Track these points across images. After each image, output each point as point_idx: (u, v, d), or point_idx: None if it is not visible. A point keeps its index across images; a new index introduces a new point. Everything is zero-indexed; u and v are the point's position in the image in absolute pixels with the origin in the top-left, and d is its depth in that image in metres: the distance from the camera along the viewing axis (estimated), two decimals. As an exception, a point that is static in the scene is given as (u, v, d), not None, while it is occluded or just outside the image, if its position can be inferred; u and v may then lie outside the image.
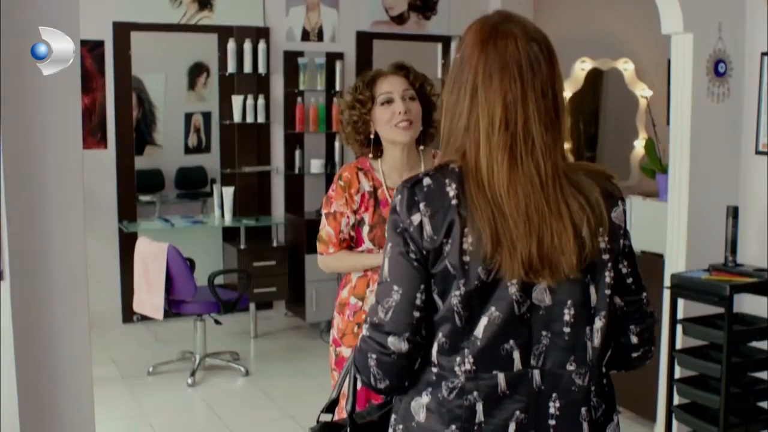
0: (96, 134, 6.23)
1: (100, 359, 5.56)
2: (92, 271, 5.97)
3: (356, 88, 2.77)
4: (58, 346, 2.82)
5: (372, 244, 2.75)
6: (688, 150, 4.03)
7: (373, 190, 2.77)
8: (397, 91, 2.72)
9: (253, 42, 6.54)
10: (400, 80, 2.74)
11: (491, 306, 1.58)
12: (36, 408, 2.79)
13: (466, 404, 1.60)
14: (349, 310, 2.83)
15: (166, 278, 5.12)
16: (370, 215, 2.75)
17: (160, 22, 6.39)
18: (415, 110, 2.73)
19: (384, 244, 2.64)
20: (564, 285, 1.61)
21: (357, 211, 2.76)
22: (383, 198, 2.75)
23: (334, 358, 2.85)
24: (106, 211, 6.31)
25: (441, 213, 1.58)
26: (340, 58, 6.83)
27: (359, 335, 1.68)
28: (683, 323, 3.85)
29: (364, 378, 1.67)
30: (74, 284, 2.84)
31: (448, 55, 7.27)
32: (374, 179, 2.78)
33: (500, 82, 1.58)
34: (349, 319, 2.82)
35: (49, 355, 2.81)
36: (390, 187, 2.76)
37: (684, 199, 4.06)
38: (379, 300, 1.64)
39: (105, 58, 6.20)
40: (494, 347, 1.59)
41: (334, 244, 2.80)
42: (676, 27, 3.99)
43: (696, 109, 4.02)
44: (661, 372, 4.10)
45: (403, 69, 2.78)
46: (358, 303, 2.81)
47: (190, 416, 4.90)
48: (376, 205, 2.75)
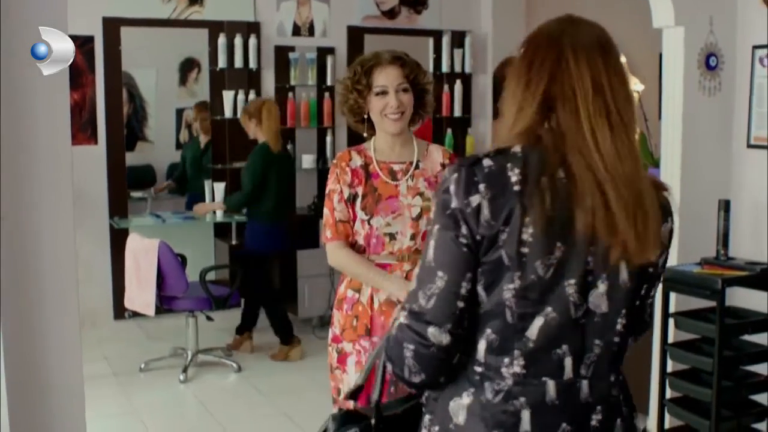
0: (86, 130, 6.20)
1: (91, 356, 5.54)
2: (83, 267, 5.98)
3: (355, 74, 2.81)
4: (47, 344, 2.80)
5: (364, 213, 2.77)
6: (679, 144, 4.03)
7: (365, 165, 2.82)
8: (392, 85, 2.77)
9: (243, 37, 6.52)
10: (396, 73, 2.79)
11: (548, 306, 1.49)
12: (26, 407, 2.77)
13: (512, 410, 1.50)
14: (346, 304, 2.83)
15: (157, 274, 5.11)
16: (363, 186, 2.79)
17: (150, 17, 6.36)
18: (407, 101, 2.80)
19: (374, 211, 2.73)
20: (621, 292, 1.54)
21: (351, 184, 2.79)
22: (374, 171, 2.81)
23: (336, 356, 2.84)
24: (97, 208, 6.28)
25: (502, 198, 1.46)
26: (332, 53, 6.80)
27: (396, 323, 1.56)
28: (675, 317, 3.85)
29: (396, 370, 1.55)
30: (64, 282, 2.82)
31: (439, 49, 7.25)
32: (366, 156, 2.84)
33: (586, 56, 1.53)
34: (347, 313, 2.82)
35: (39, 353, 2.79)
36: (380, 160, 2.82)
37: (676, 193, 4.03)
38: (421, 285, 1.51)
39: (95, 54, 6.17)
40: (547, 351, 1.50)
41: (330, 225, 2.80)
42: (668, 21, 3.99)
43: (687, 102, 4.01)
44: (653, 366, 4.10)
45: (400, 60, 2.81)
46: (355, 295, 2.81)
47: (183, 413, 4.89)
48: (367, 177, 2.80)
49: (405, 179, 2.80)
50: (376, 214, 2.76)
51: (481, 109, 7.49)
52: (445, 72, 7.25)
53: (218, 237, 6.67)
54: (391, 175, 2.81)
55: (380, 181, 2.80)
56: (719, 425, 3.61)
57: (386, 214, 2.76)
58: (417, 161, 2.83)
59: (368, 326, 2.76)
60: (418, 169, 2.82)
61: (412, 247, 2.75)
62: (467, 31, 7.30)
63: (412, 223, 2.75)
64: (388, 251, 2.75)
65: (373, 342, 2.74)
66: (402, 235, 2.75)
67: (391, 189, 2.79)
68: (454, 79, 7.28)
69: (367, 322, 2.76)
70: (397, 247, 2.75)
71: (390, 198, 2.77)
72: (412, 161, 2.83)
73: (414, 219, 2.76)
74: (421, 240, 2.75)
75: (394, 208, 2.76)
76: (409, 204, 2.77)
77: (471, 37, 7.29)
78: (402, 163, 2.83)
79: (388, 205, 2.76)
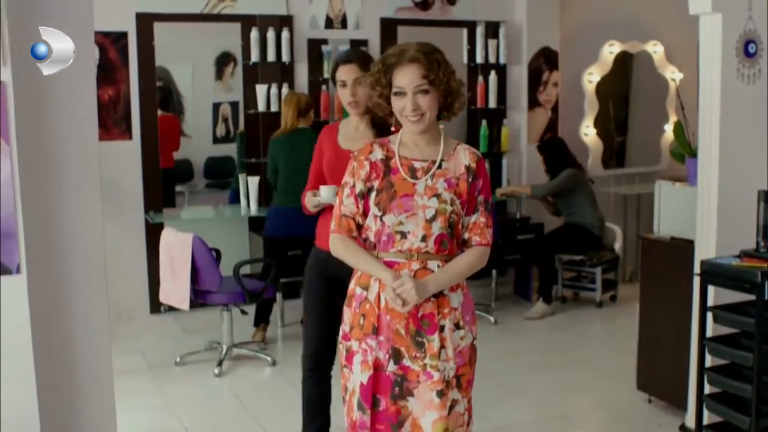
0: (121, 125, 6.25)
1: (127, 350, 5.60)
2: (119, 262, 6.05)
3: (377, 71, 2.75)
4: (76, 339, 2.81)
5: (377, 209, 2.72)
6: (717, 133, 3.94)
7: (386, 158, 2.76)
8: (409, 87, 2.69)
9: (276, 30, 6.51)
10: (414, 73, 2.69)
11: None
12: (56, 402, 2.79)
13: None
14: (355, 301, 2.79)
15: (191, 269, 5.13)
16: (379, 181, 2.74)
17: (183, 12, 6.39)
18: (425, 104, 2.70)
19: (388, 208, 2.70)
20: None
21: (368, 178, 2.75)
22: (394, 167, 2.74)
23: (344, 354, 2.81)
24: (133, 203, 6.33)
25: None
26: (365, 46, 6.77)
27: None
28: (713, 311, 3.76)
29: None
30: (93, 277, 2.84)
31: (473, 40, 7.19)
32: (389, 150, 2.78)
33: None
34: (355, 311, 2.78)
35: (68, 348, 2.81)
36: (403, 156, 2.76)
37: (714, 184, 3.97)
38: None
39: (128, 50, 6.20)
40: None
41: (336, 217, 2.79)
42: (705, 7, 3.89)
43: (726, 91, 3.92)
44: (691, 361, 4.03)
45: (419, 59, 2.69)
46: (363, 293, 2.76)
47: (217, 406, 4.90)
48: (386, 172, 2.74)
49: (425, 179, 2.72)
50: (389, 211, 2.69)
51: (516, 101, 7.42)
52: (479, 63, 7.19)
53: (253, 230, 6.68)
54: (411, 172, 2.73)
55: (399, 178, 2.72)
56: (759, 422, 3.53)
57: (399, 213, 2.69)
58: (440, 161, 2.75)
59: (375, 325, 2.71)
60: (440, 169, 2.74)
61: (423, 249, 2.68)
62: (501, 21, 7.23)
63: (424, 224, 2.68)
64: (397, 249, 2.69)
65: (380, 341, 2.70)
66: (413, 235, 2.68)
67: (408, 187, 2.71)
68: (489, 70, 7.22)
69: (374, 321, 2.71)
70: (406, 246, 2.68)
71: (405, 196, 2.70)
72: (435, 160, 2.75)
73: (427, 221, 2.68)
74: (434, 243, 2.69)
75: (407, 207, 2.69)
76: (424, 204, 2.69)
77: (505, 27, 7.22)
78: (424, 161, 2.75)
79: (402, 203, 2.69)
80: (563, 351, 5.78)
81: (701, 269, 3.78)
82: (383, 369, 2.71)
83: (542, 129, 7.50)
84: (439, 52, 2.76)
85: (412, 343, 2.69)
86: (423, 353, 2.68)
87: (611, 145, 7.92)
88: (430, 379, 2.67)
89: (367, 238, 2.76)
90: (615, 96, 7.92)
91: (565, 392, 4.95)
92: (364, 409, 2.71)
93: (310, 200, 3.51)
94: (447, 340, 2.69)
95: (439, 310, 2.70)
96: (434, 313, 2.69)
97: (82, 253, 2.80)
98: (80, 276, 2.80)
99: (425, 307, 2.68)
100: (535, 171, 7.19)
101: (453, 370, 2.70)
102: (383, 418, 2.72)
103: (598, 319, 6.64)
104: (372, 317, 2.72)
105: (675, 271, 4.36)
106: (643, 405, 4.61)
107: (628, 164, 8.08)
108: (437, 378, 2.67)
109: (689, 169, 4.36)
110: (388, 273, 2.67)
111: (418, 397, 2.69)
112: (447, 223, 2.69)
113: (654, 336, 4.51)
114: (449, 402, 2.69)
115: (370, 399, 2.71)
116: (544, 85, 7.46)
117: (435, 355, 2.67)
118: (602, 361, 5.52)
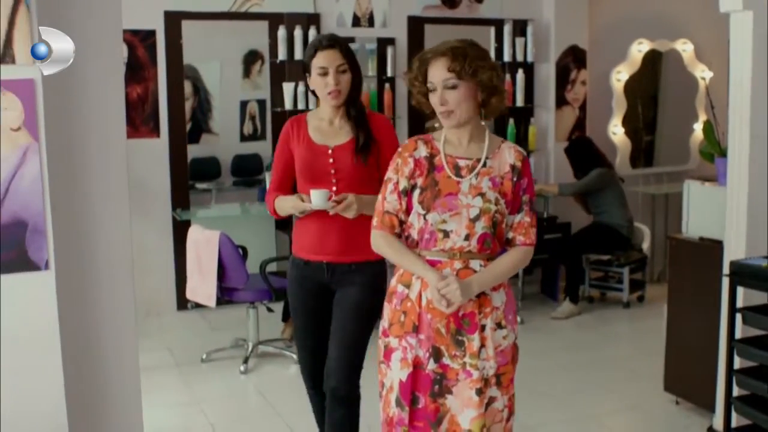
0: (149, 123, 6.29)
1: (154, 346, 5.64)
2: (147, 259, 6.09)
3: (416, 68, 2.74)
4: (104, 335, 2.84)
5: (421, 207, 2.71)
6: (747, 132, 3.89)
7: (430, 156, 2.74)
8: (438, 82, 2.67)
9: (303, 29, 6.52)
10: (440, 68, 2.67)
11: None
12: (83, 398, 2.81)
13: None
14: (396, 298, 2.78)
15: (218, 266, 5.15)
16: (423, 178, 2.72)
17: (211, 10, 6.42)
18: (452, 99, 2.67)
19: (431, 206, 2.68)
20: None
21: (411, 176, 2.74)
22: (439, 164, 2.72)
23: (383, 350, 2.80)
24: (160, 200, 6.38)
25: None
26: (392, 44, 6.77)
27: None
28: (743, 312, 3.72)
29: None
30: (120, 274, 2.86)
31: (501, 38, 7.16)
32: (433, 147, 2.76)
33: None
34: (396, 308, 2.77)
35: (96, 344, 2.83)
36: (447, 154, 2.73)
37: (744, 184, 3.93)
38: None
39: (157, 48, 6.25)
40: None
41: (378, 213, 2.78)
42: (735, 5, 3.85)
43: (756, 89, 3.87)
44: (720, 362, 3.99)
45: (446, 53, 2.67)
46: (404, 291, 2.76)
47: (243, 403, 4.92)
48: (430, 169, 2.72)
49: (469, 177, 2.69)
50: (433, 209, 2.68)
51: (544, 99, 7.38)
52: (506, 61, 7.16)
53: (279, 228, 6.70)
54: (456, 170, 2.71)
55: (443, 176, 2.70)
56: (789, 424, 3.49)
57: (443, 211, 2.67)
58: (485, 159, 2.72)
59: (415, 323, 2.71)
60: (485, 168, 2.71)
61: (465, 248, 2.67)
62: (529, 19, 7.19)
63: (468, 223, 2.66)
64: (440, 248, 2.68)
65: (420, 339, 2.70)
66: (456, 234, 2.67)
67: (452, 185, 2.69)
68: (516, 68, 7.18)
69: (414, 319, 2.71)
70: (449, 245, 2.67)
71: (449, 195, 2.68)
72: (480, 159, 2.71)
73: (471, 220, 2.66)
74: (476, 243, 2.67)
75: (451, 206, 2.67)
76: (468, 204, 2.67)
77: (533, 25, 7.18)
78: (469, 159, 2.72)
79: (446, 202, 2.67)
80: (590, 351, 5.74)
81: (730, 270, 3.74)
82: (423, 367, 2.71)
83: (570, 128, 7.45)
84: (473, 46, 2.70)
85: (452, 341, 2.68)
86: (463, 352, 2.68)
87: (639, 144, 7.86)
88: (469, 377, 2.67)
89: (409, 236, 2.75)
90: (644, 95, 7.85)
91: (592, 392, 4.92)
92: (403, 406, 2.72)
93: (295, 205, 3.19)
94: (488, 339, 2.68)
95: (480, 309, 2.69)
96: (475, 312, 2.68)
97: (110, 249, 2.82)
98: (108, 272, 2.82)
99: (466, 306, 2.67)
100: (563, 170, 7.15)
101: (493, 368, 2.69)
102: (422, 415, 2.73)
103: (625, 319, 6.59)
104: (413, 315, 2.72)
105: (703, 272, 4.31)
106: (670, 406, 4.57)
107: (657, 163, 8.02)
108: (476, 377, 2.66)
109: (718, 169, 4.31)
110: (432, 273, 2.66)
111: (457, 395, 2.69)
112: (491, 223, 2.67)
113: (682, 337, 4.47)
114: (486, 399, 2.69)
115: (409, 396, 2.72)
116: (572, 84, 7.41)
117: (474, 354, 2.66)
118: (629, 362, 5.48)
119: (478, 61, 2.67)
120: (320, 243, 3.25)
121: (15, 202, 2.57)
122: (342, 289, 3.27)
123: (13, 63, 2.51)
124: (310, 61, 3.22)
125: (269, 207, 3.34)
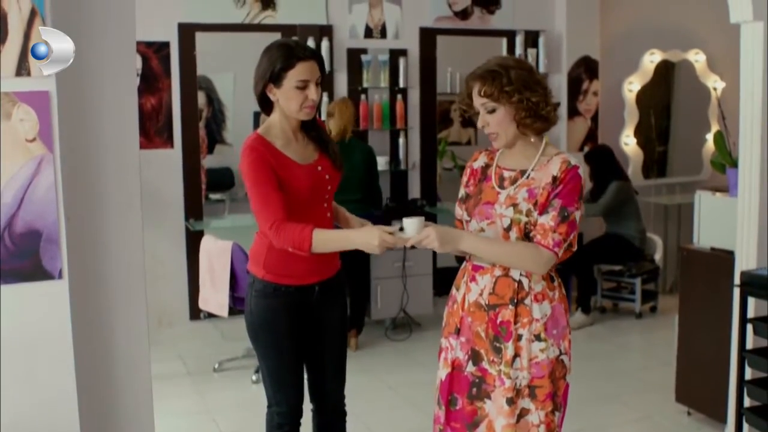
0: (162, 134, 6.34)
1: (167, 355, 5.66)
2: (160, 268, 6.13)
3: (461, 93, 2.78)
4: (116, 344, 2.86)
5: (466, 214, 2.77)
6: (759, 143, 3.90)
7: (485, 166, 2.81)
8: (478, 105, 2.69)
9: (316, 40, 6.56)
10: (477, 93, 2.67)
11: None
12: (95, 407, 2.83)
13: None
14: (450, 300, 2.87)
15: (230, 276, 5.17)
16: (473, 187, 2.80)
17: (224, 22, 6.46)
18: (493, 122, 2.67)
19: (472, 214, 2.71)
20: None
21: (467, 184, 2.83)
22: (489, 174, 2.77)
23: (440, 349, 2.87)
24: (174, 210, 6.41)
25: None
26: (404, 55, 6.81)
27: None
28: (754, 322, 3.72)
29: None
30: (133, 283, 2.88)
31: (513, 49, 7.18)
32: (491, 158, 2.83)
33: None
34: (448, 310, 2.87)
35: (108, 353, 2.85)
36: (499, 165, 2.77)
37: (755, 194, 3.93)
38: None
39: (170, 59, 6.30)
40: None
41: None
42: (746, 15, 3.86)
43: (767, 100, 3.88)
44: (731, 373, 3.98)
45: (479, 78, 2.66)
46: (455, 293, 2.84)
47: (255, 413, 4.89)
48: (481, 179, 2.79)
49: (509, 188, 2.69)
50: (473, 217, 2.73)
51: (556, 110, 7.37)
52: (518, 72, 7.15)
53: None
54: (500, 181, 2.73)
55: (488, 186, 2.74)
56: (801, 436, 3.48)
57: (481, 219, 2.71)
58: (530, 171, 2.69)
59: (458, 326, 2.77)
60: (526, 179, 2.68)
61: None
62: (541, 30, 7.21)
63: (503, 232, 2.66)
64: None
65: (461, 341, 2.75)
66: None
67: (493, 195, 2.71)
68: (528, 79, 7.18)
69: (457, 321, 2.78)
70: None
71: (487, 204, 2.71)
72: (525, 170, 2.70)
73: (505, 229, 2.66)
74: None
75: (488, 215, 2.70)
76: (501, 213, 2.67)
77: (545, 36, 7.20)
78: (513, 170, 2.72)
79: (484, 210, 2.71)
80: (602, 362, 5.73)
81: (741, 280, 3.74)
82: (461, 369, 2.76)
83: (582, 138, 7.45)
84: (510, 68, 2.64)
85: (490, 347, 2.71)
86: (500, 359, 2.70)
87: (652, 155, 7.85)
88: (503, 385, 2.69)
89: None
90: (656, 105, 7.85)
91: (604, 403, 4.91)
92: (441, 405, 2.79)
93: (384, 241, 2.71)
94: (522, 350, 2.68)
95: (517, 319, 2.68)
96: (511, 321, 2.68)
97: (123, 259, 2.84)
98: (121, 282, 2.84)
99: (504, 314, 2.69)
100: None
101: (526, 379, 2.68)
102: (459, 417, 2.77)
103: (637, 330, 6.58)
104: (456, 317, 2.79)
105: (715, 283, 4.30)
106: (682, 417, 4.56)
107: (669, 174, 8.01)
108: (508, 385, 2.68)
109: (730, 179, 4.31)
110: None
111: (494, 401, 2.72)
112: (522, 234, 2.66)
113: (693, 348, 4.46)
114: (518, 410, 2.69)
115: (447, 396, 2.78)
116: (584, 94, 7.42)
117: (508, 362, 2.68)
118: (641, 373, 5.47)
119: (508, 82, 2.62)
120: (317, 264, 3.04)
121: (29, 212, 2.60)
122: (327, 306, 3.14)
123: (28, 75, 2.54)
124: (286, 72, 2.98)
125: (292, 242, 2.86)
